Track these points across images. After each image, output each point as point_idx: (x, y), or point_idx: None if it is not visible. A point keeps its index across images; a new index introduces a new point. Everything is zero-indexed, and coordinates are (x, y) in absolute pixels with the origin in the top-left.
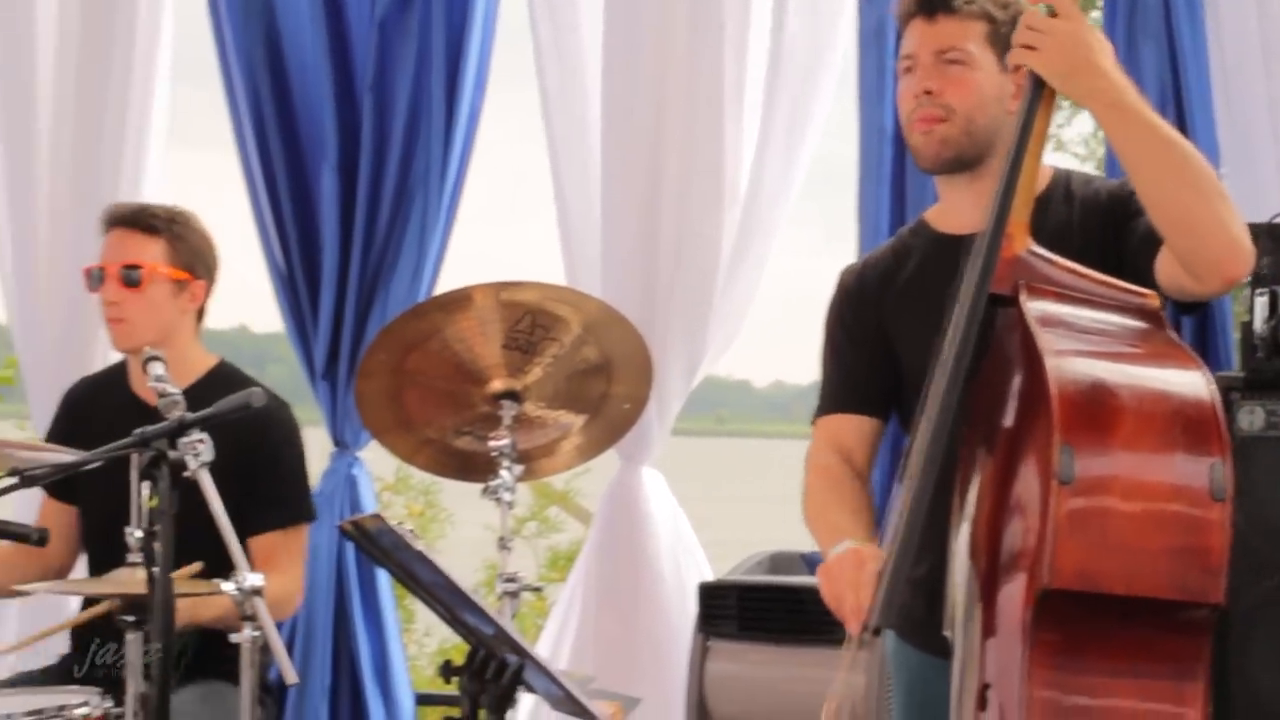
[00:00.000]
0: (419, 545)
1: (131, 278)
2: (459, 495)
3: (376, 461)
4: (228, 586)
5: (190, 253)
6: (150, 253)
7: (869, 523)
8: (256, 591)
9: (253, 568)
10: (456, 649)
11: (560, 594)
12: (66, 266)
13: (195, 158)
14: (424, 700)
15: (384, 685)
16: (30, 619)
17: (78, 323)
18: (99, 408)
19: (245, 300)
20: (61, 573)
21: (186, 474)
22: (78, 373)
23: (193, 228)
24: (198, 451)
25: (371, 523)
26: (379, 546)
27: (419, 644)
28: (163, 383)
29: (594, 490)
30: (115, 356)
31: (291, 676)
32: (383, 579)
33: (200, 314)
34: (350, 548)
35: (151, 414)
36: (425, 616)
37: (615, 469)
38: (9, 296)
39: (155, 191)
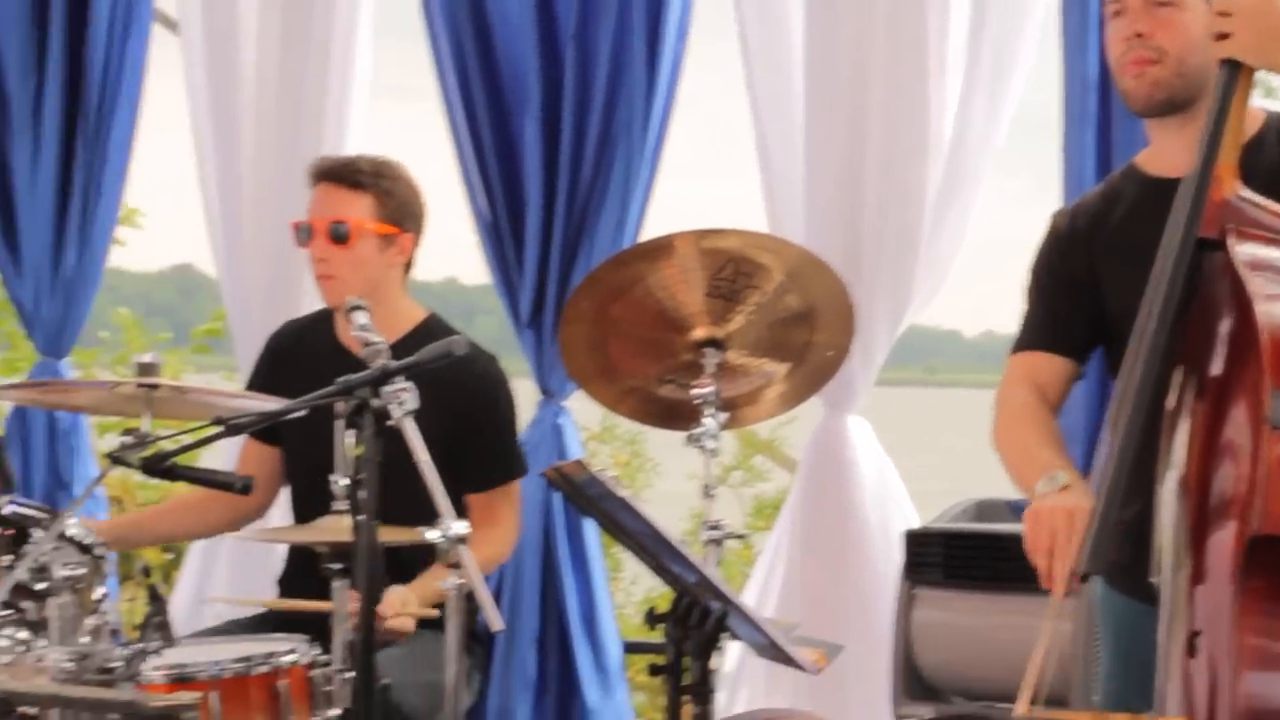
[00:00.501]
0: (623, 492)
1: (339, 233)
2: (664, 445)
3: (582, 411)
4: (432, 534)
5: (397, 206)
6: (357, 208)
7: (1067, 457)
8: (461, 539)
9: (471, 525)
10: (662, 597)
11: (766, 542)
12: (272, 220)
13: (399, 110)
14: (631, 648)
15: (591, 634)
16: (240, 565)
17: (284, 275)
18: (303, 353)
19: (454, 252)
20: (260, 512)
21: (390, 423)
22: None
23: (400, 180)
24: (402, 400)
25: (576, 470)
26: (583, 494)
27: (626, 592)
28: (366, 331)
29: (800, 439)
30: (320, 308)
31: (498, 624)
32: (590, 527)
33: (408, 266)
34: (558, 496)
35: (355, 362)
36: (632, 565)
37: (820, 417)
38: (216, 250)
39: (359, 144)
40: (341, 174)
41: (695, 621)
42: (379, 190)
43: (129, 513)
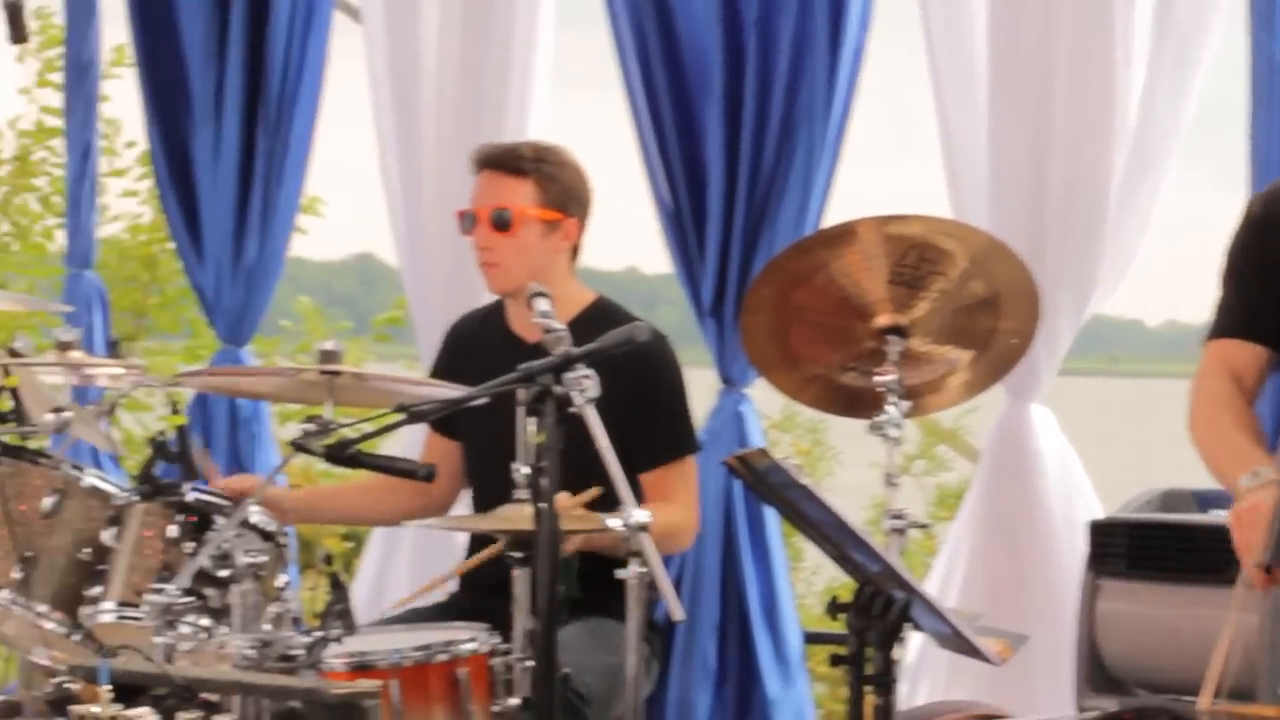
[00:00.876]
0: (806, 480)
1: (502, 221)
2: (846, 433)
3: (764, 399)
4: (613, 522)
5: (561, 192)
6: (520, 195)
7: (1266, 449)
8: (643, 527)
9: (646, 503)
10: (844, 587)
11: (948, 532)
12: (453, 209)
13: (580, 99)
14: (812, 639)
15: (772, 623)
16: (421, 553)
17: (465, 265)
18: (480, 344)
19: (635, 242)
20: (445, 506)
21: (572, 409)
22: (465, 313)
23: (564, 165)
24: (583, 387)
25: (758, 458)
26: (766, 482)
27: (806, 582)
28: (548, 318)
29: (982, 428)
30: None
31: (678, 613)
32: (771, 516)
33: (575, 251)
34: (738, 485)
35: (528, 350)
36: (813, 554)
37: (1003, 406)
38: (398, 239)
39: (540, 134)
40: (503, 160)
41: (878, 611)
42: (541, 176)
43: (318, 485)
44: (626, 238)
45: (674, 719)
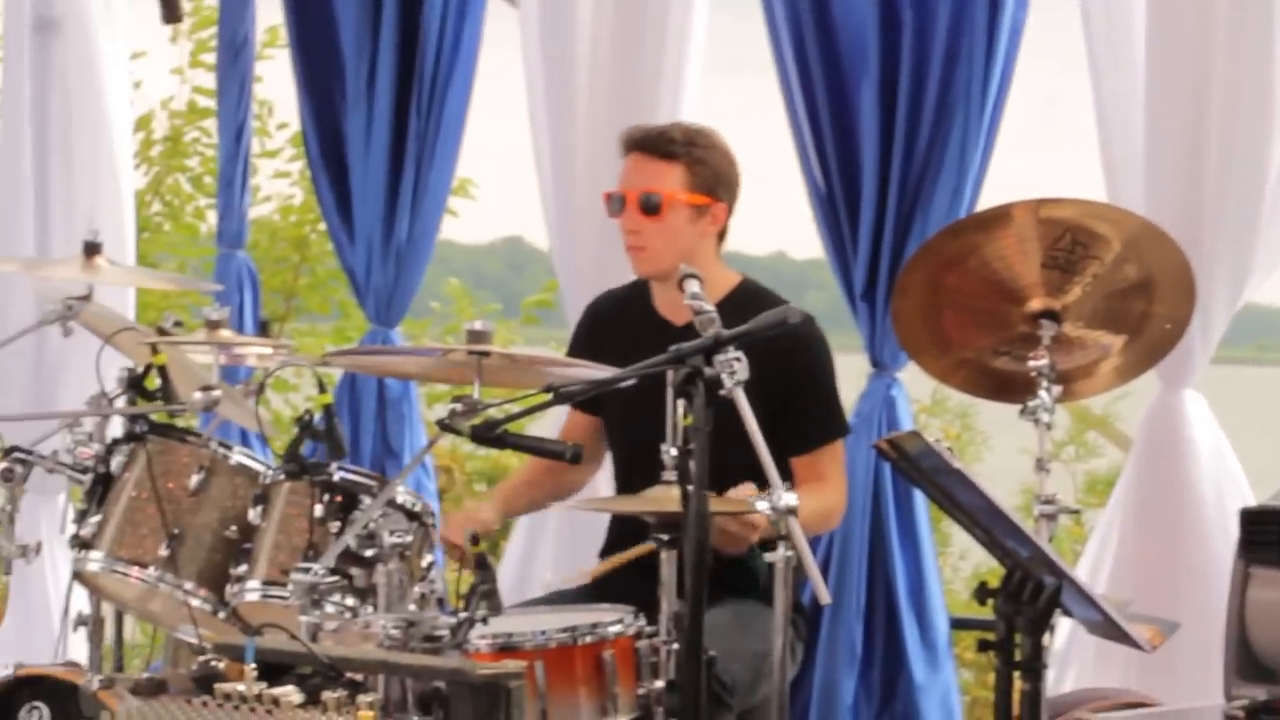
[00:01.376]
0: (958, 464)
1: (650, 204)
2: (995, 419)
3: (913, 383)
4: (762, 505)
5: (710, 176)
6: (669, 179)
7: None
8: (791, 510)
9: (798, 485)
10: (992, 572)
11: (1099, 518)
12: (603, 191)
13: (732, 85)
14: (958, 624)
15: (919, 608)
16: (566, 535)
17: (614, 246)
18: (623, 323)
19: (784, 226)
20: (584, 483)
21: (722, 392)
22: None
23: (713, 148)
24: (733, 370)
25: (910, 441)
26: (916, 465)
27: (953, 567)
28: (699, 300)
29: (1133, 415)
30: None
31: (825, 596)
32: (919, 500)
33: (722, 234)
34: (887, 469)
35: (677, 333)
36: (961, 539)
37: (1155, 392)
38: (549, 222)
39: (692, 117)
40: (653, 144)
41: (1028, 597)
42: (690, 160)
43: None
44: (775, 222)
45: (818, 703)
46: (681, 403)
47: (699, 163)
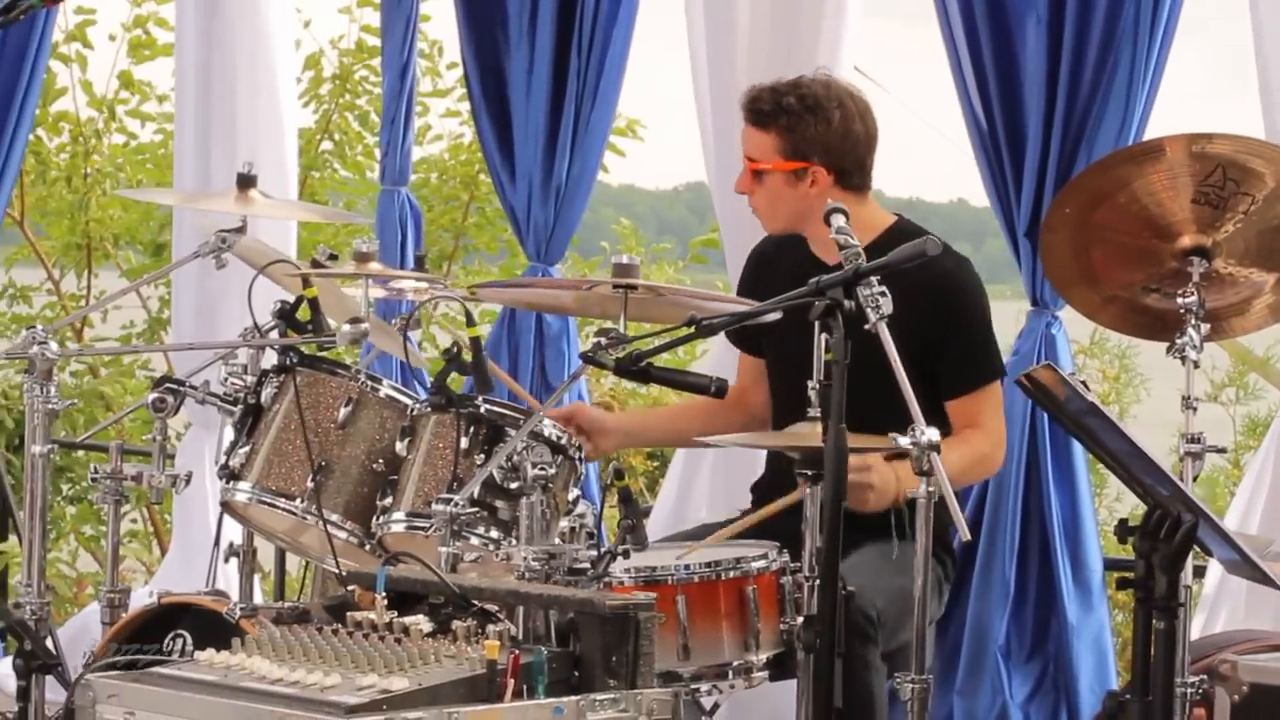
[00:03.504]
0: (1092, 398)
1: (754, 174)
2: (1155, 361)
3: (1072, 325)
4: (904, 440)
5: (802, 141)
6: (763, 147)
7: None
8: (934, 446)
9: (955, 430)
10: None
11: (1253, 460)
12: None
13: (894, 30)
14: (1112, 565)
15: (1073, 548)
16: (721, 474)
17: None
18: (781, 265)
19: (964, 174)
20: (766, 423)
21: (866, 326)
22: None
23: (810, 111)
24: (878, 304)
25: (1045, 375)
26: (1054, 400)
27: (1109, 509)
28: (844, 234)
29: None
30: None
31: (966, 534)
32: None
33: (864, 180)
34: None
35: (826, 270)
36: (1117, 481)
37: None
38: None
39: (852, 62)
40: (748, 112)
41: (1165, 534)
42: (780, 127)
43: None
44: (957, 169)
45: (969, 642)
46: (824, 337)
47: (788, 130)
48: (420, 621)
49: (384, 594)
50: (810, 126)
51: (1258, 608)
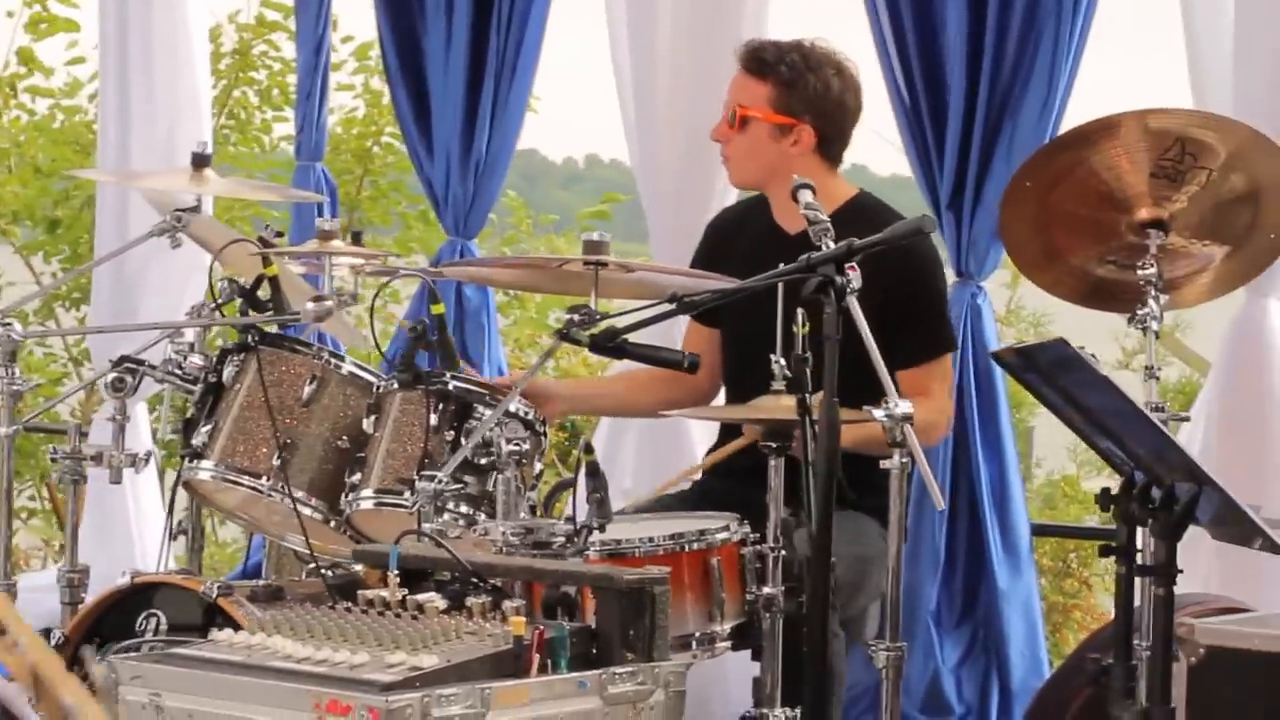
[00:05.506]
0: (1099, 368)
1: (734, 118)
2: (1069, 328)
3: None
4: (878, 413)
5: (797, 98)
6: (754, 95)
7: None
8: (906, 418)
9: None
10: (1065, 480)
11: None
12: (683, 107)
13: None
14: (1039, 530)
15: (1001, 515)
16: (648, 443)
17: (696, 163)
18: (741, 235)
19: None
20: (707, 398)
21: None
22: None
23: (812, 71)
24: (849, 279)
25: (1050, 349)
26: (1045, 373)
27: (1031, 474)
28: (813, 209)
29: (1201, 329)
30: (731, 194)
31: (940, 503)
32: (1003, 405)
33: (832, 150)
34: (969, 375)
35: (789, 241)
36: (1041, 447)
37: (1240, 303)
38: (630, 139)
39: (780, 30)
40: (747, 59)
41: (1162, 504)
42: (779, 79)
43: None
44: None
45: (903, 607)
46: (800, 312)
47: (788, 84)
48: (434, 599)
49: (397, 572)
50: (808, 85)
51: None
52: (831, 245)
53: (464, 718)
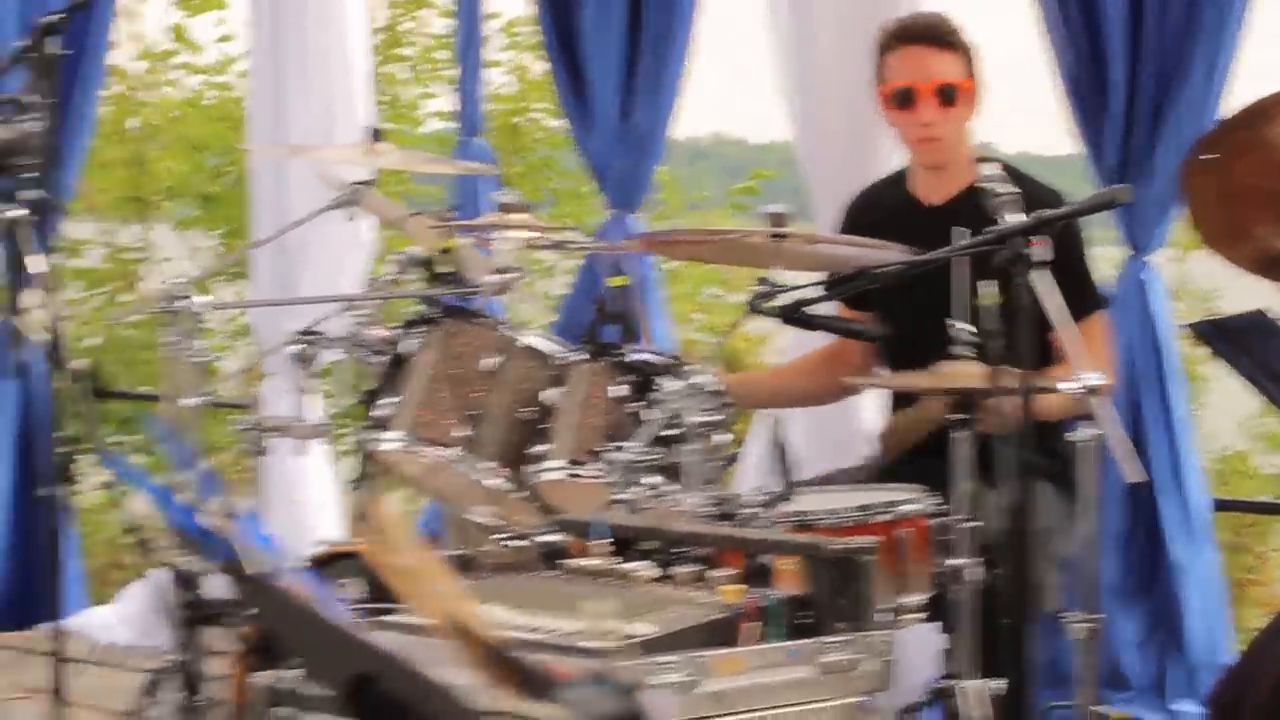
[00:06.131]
0: None
1: (948, 95)
2: (1240, 303)
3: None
4: (1068, 386)
5: (976, 60)
6: (957, 68)
7: None
8: (1095, 390)
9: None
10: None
11: None
12: (842, 81)
13: None
14: (1221, 505)
15: (1179, 488)
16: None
17: (858, 138)
18: (879, 211)
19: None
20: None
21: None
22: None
23: (971, 43)
24: (1037, 250)
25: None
26: (1243, 342)
27: (1207, 449)
28: (993, 181)
29: None
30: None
31: (1136, 474)
32: (1176, 381)
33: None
34: (1141, 349)
35: (929, 213)
36: (1213, 422)
37: None
38: (793, 116)
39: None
40: (936, 34)
41: None
42: (964, 49)
43: (755, 371)
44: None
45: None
46: (988, 283)
47: (968, 49)
48: (642, 567)
49: (609, 540)
50: (976, 54)
51: None
52: (1014, 219)
53: (680, 685)
